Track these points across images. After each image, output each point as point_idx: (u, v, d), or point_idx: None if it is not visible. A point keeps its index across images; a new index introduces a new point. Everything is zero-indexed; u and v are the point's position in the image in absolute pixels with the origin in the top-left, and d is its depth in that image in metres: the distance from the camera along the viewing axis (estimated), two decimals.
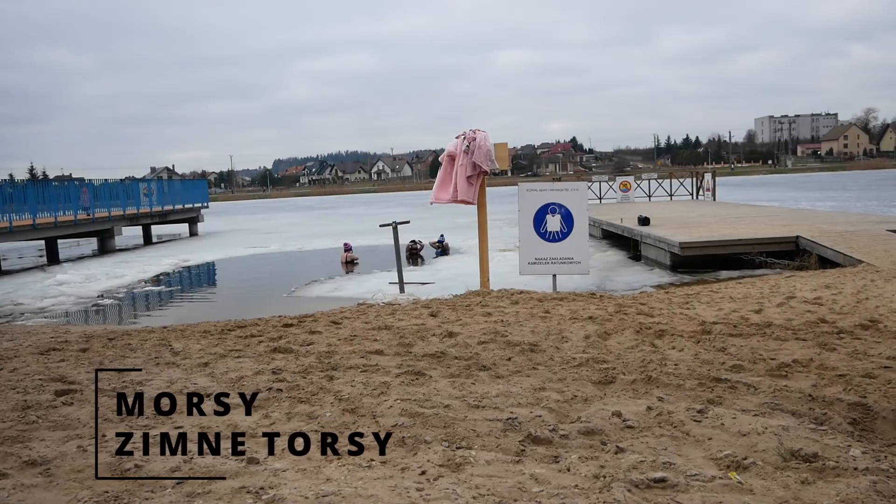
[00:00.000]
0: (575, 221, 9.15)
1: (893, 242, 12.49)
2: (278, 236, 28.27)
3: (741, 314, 7.01)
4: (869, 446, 2.77)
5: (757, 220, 17.18)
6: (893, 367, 4.22)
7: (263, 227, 36.45)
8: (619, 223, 18.08)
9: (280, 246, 23.65)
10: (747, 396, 3.56)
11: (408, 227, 12.72)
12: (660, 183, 33.63)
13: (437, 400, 3.71)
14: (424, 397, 3.77)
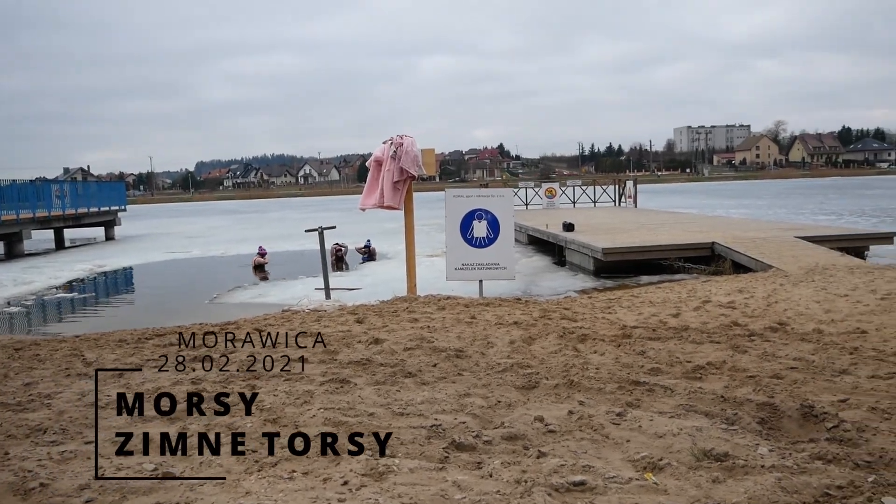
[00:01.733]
0: (501, 227, 9.26)
1: (801, 248, 13.14)
2: (201, 241, 27.50)
3: (660, 318, 7.24)
4: (776, 444, 2.90)
5: (676, 227, 17.78)
6: (799, 368, 4.44)
7: (185, 231, 35.38)
8: (544, 229, 18.38)
9: (202, 251, 23.01)
10: (664, 399, 3.68)
11: (334, 232, 12.59)
12: (584, 190, 34.40)
13: (362, 408, 3.68)
14: (349, 405, 3.73)
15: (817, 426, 3.12)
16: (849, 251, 13.43)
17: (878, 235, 15.51)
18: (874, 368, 4.37)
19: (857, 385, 3.88)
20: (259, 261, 17.20)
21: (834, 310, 7.50)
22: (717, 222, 19.59)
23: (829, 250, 13.02)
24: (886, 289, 8.71)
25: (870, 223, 24.21)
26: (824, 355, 4.91)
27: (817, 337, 5.89)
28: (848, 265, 11.31)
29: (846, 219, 26.49)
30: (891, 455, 2.69)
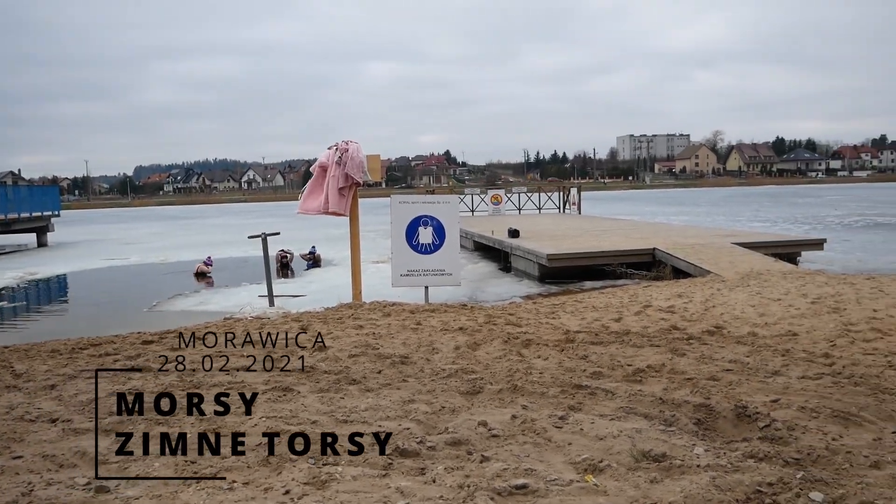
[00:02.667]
0: (447, 234, 9.29)
1: (737, 254, 13.56)
2: (139, 247, 26.77)
3: (602, 323, 7.37)
4: (711, 444, 2.98)
5: (618, 233, 18.13)
6: (734, 370, 4.57)
7: (123, 237, 34.39)
8: (490, 235, 18.52)
9: (141, 257, 22.39)
10: (605, 402, 3.74)
11: (279, 239, 12.43)
12: (529, 196, 34.82)
13: (305, 416, 3.64)
14: (291, 414, 3.69)
15: (750, 426, 3.22)
16: (782, 257, 13.92)
17: (810, 242, 16.12)
18: (804, 369, 4.54)
19: (788, 385, 4.02)
20: (202, 268, 16.86)
21: (768, 313, 7.75)
22: (658, 229, 20.06)
23: (764, 256, 13.48)
24: (817, 293, 9.06)
25: (802, 230, 25.15)
26: (758, 357, 5.07)
27: (752, 340, 6.09)
28: (781, 270, 11.72)
29: (780, 226, 27.46)
30: (818, 452, 2.79)
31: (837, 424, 3.21)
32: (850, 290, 9.22)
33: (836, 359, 5.06)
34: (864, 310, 7.64)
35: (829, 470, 2.61)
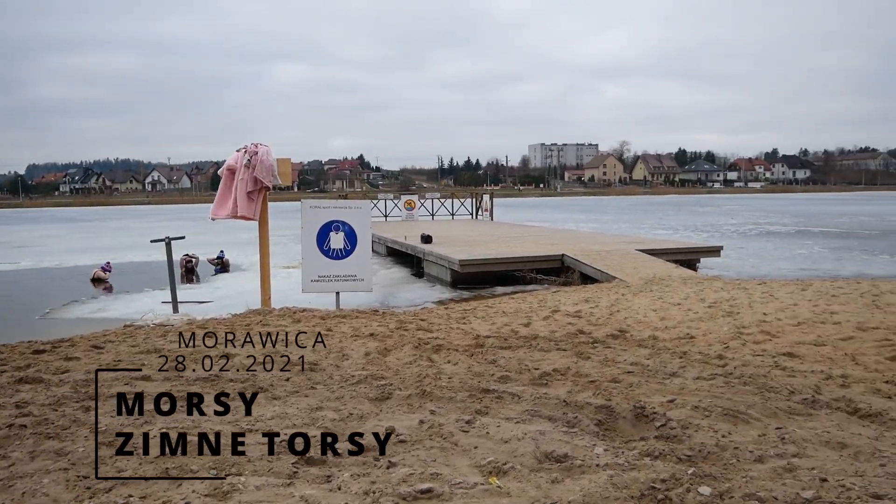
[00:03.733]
0: (358, 239, 9.23)
1: (641, 261, 14.09)
2: (32, 251, 25.30)
3: (512, 327, 7.50)
4: (610, 444, 3.08)
5: (529, 240, 18.50)
6: (635, 372, 4.75)
7: (13, 240, 32.40)
8: (403, 241, 18.53)
9: (34, 261, 21.16)
10: (512, 405, 3.81)
11: (185, 243, 12.03)
12: (442, 202, 35.07)
13: (207, 426, 3.53)
14: (193, 424, 3.57)
15: (648, 425, 3.35)
16: (683, 263, 14.57)
17: (708, 249, 16.94)
18: (699, 371, 4.76)
19: (683, 386, 4.21)
20: (99, 274, 16.10)
21: (668, 317, 8.09)
22: (567, 236, 20.59)
23: (666, 262, 14.07)
24: (713, 298, 9.52)
25: (701, 238, 26.38)
26: (658, 360, 5.28)
27: (652, 343, 6.34)
28: (681, 276, 12.27)
29: (681, 233, 28.72)
30: (708, 449, 2.94)
31: (727, 422, 3.39)
32: (743, 294, 9.74)
33: (729, 360, 5.34)
34: (756, 313, 8.09)
35: (718, 465, 2.76)
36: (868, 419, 3.57)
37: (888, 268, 17.27)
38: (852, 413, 3.67)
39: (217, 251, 18.53)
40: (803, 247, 23.41)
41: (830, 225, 34.60)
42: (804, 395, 3.97)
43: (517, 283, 13.84)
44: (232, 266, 18.05)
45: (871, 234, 28.53)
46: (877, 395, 4.10)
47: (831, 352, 5.77)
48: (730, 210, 54.76)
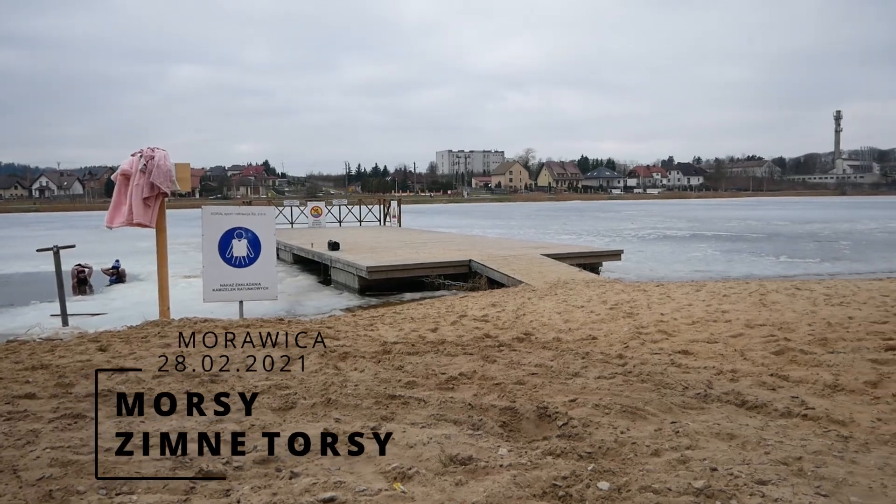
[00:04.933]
0: (262, 246, 9.01)
1: (546, 265, 14.42)
2: None
3: (419, 333, 7.50)
4: (514, 445, 3.12)
5: (437, 246, 18.60)
6: (539, 374, 4.84)
7: None
8: (309, 248, 18.26)
9: None
10: (418, 410, 3.80)
11: (77, 252, 11.41)
12: (350, 209, 34.79)
13: (101, 443, 3.34)
14: (82, 443, 3.37)
15: (551, 425, 3.42)
16: (586, 267, 15.02)
17: (609, 253, 17.53)
18: (600, 370, 4.90)
19: (585, 386, 4.32)
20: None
21: (572, 319, 8.31)
22: (474, 241, 20.83)
23: (570, 266, 14.46)
24: (614, 300, 9.85)
25: (603, 242, 27.28)
26: (561, 361, 5.40)
27: (556, 344, 6.48)
28: (585, 279, 12.64)
29: (584, 238, 29.60)
30: (608, 445, 3.02)
31: (626, 419, 3.50)
32: (642, 296, 10.13)
33: (628, 359, 5.52)
34: (654, 314, 8.42)
35: (617, 460, 2.84)
36: (754, 410, 3.77)
37: (774, 268, 18.38)
38: (740, 405, 3.87)
39: (112, 261, 17.67)
40: (697, 250, 24.60)
41: (722, 229, 36.52)
42: (697, 390, 4.15)
43: (425, 289, 13.88)
44: (129, 276, 17.25)
45: (758, 238, 30.30)
46: (762, 388, 4.34)
47: (722, 348, 6.06)
48: (630, 215, 56.93)
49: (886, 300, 8.65)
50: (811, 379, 4.59)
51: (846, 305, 8.32)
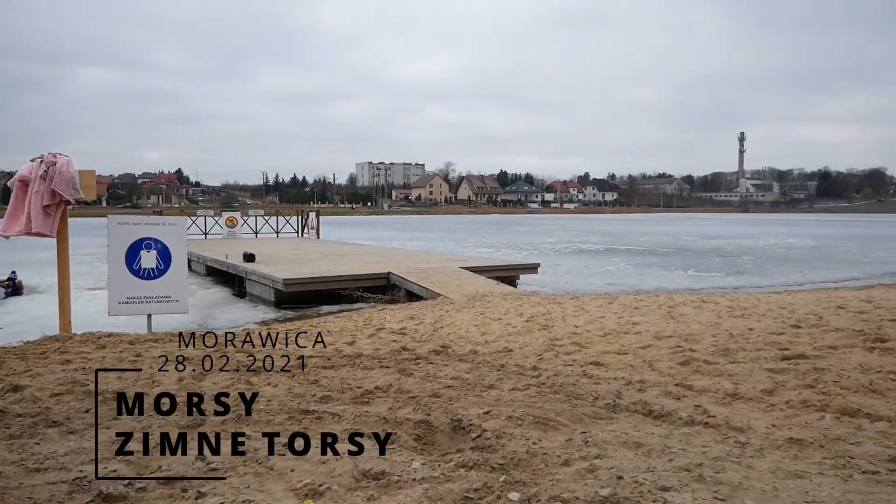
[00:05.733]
0: (173, 257, 8.72)
1: (465, 278, 14.54)
2: None
3: (336, 347, 7.42)
4: (428, 458, 3.12)
5: (356, 258, 18.47)
6: (455, 386, 4.86)
7: None
8: (223, 259, 17.79)
9: None
10: (332, 425, 3.75)
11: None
12: (267, 220, 34.12)
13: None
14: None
15: (464, 437, 3.44)
16: (503, 280, 15.23)
17: (527, 266, 17.83)
18: (515, 382, 4.97)
19: (500, 397, 4.37)
20: None
21: (488, 332, 8.40)
22: (393, 254, 20.79)
23: (488, 279, 14.63)
24: (531, 312, 10.02)
25: (521, 255, 27.73)
26: (477, 373, 5.44)
27: (473, 357, 6.53)
28: (502, 292, 12.81)
29: (502, 251, 30.01)
30: (520, 456, 3.06)
31: (538, 430, 3.55)
32: (557, 308, 10.35)
33: (542, 371, 5.62)
34: (568, 326, 8.61)
35: (528, 471, 2.88)
36: (660, 419, 3.90)
37: (682, 282, 19.13)
38: (647, 414, 4.00)
39: (8, 272, 16.69)
40: (611, 263, 25.36)
41: (634, 244, 37.78)
42: (607, 400, 4.26)
43: (343, 301, 13.75)
44: (27, 288, 16.33)
45: (667, 252, 31.50)
46: (668, 397, 4.50)
47: (632, 359, 6.26)
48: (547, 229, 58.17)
49: (783, 312, 9.14)
50: (713, 388, 4.79)
51: (747, 317, 8.75)
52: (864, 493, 2.53)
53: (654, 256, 28.79)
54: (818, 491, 2.56)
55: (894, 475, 2.78)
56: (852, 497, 2.48)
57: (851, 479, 2.71)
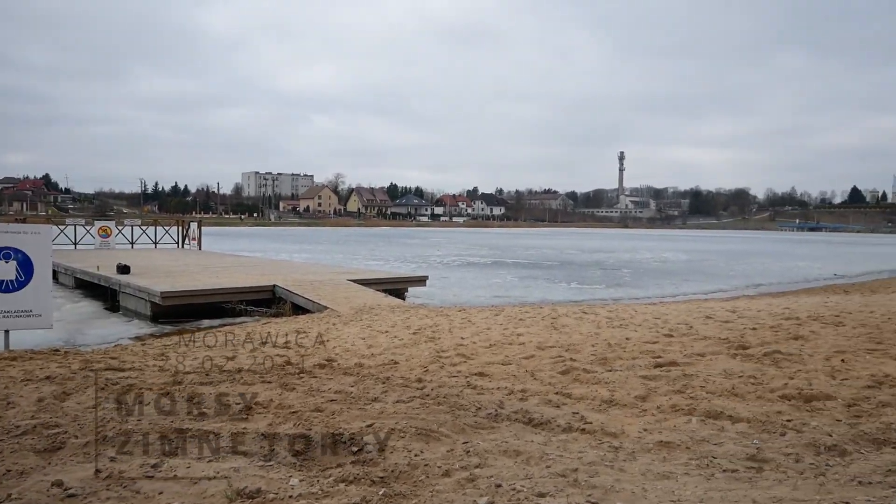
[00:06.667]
0: (35, 268, 8.11)
1: (353, 291, 14.39)
2: None
3: (215, 362, 7.12)
4: (307, 474, 3.04)
5: (239, 270, 17.89)
6: (338, 400, 4.78)
7: None
8: (95, 271, 16.76)
9: None
10: (207, 443, 3.59)
11: None
12: (144, 230, 32.54)
13: None
14: None
15: (345, 451, 3.37)
16: (392, 292, 15.19)
17: (415, 279, 17.88)
18: (399, 394, 4.95)
19: (383, 410, 4.33)
20: None
21: (375, 345, 8.34)
22: (280, 266, 20.31)
23: (376, 292, 14.54)
24: (418, 324, 10.04)
25: (410, 268, 27.79)
26: (362, 386, 5.38)
27: (358, 370, 6.45)
28: (390, 305, 12.77)
29: (391, 264, 29.97)
30: (401, 468, 3.04)
31: (420, 441, 3.54)
32: (445, 321, 10.42)
33: (427, 382, 5.63)
34: (455, 338, 8.69)
35: (408, 483, 2.86)
36: (540, 427, 3.99)
37: (565, 294, 19.77)
38: (528, 423, 4.08)
39: None
40: (498, 276, 25.87)
41: (521, 257, 38.76)
42: (489, 410, 4.32)
43: (226, 315, 13.26)
44: None
45: (552, 265, 32.51)
46: (548, 406, 4.61)
47: (515, 370, 6.38)
48: (436, 242, 58.70)
49: (658, 322, 9.62)
50: (591, 395, 4.95)
51: (625, 327, 9.14)
52: (723, 490, 2.68)
53: (539, 269, 29.63)
54: (683, 490, 2.68)
55: (751, 472, 2.96)
56: (713, 494, 2.62)
57: (713, 478, 2.86)
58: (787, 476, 2.99)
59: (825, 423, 4.09)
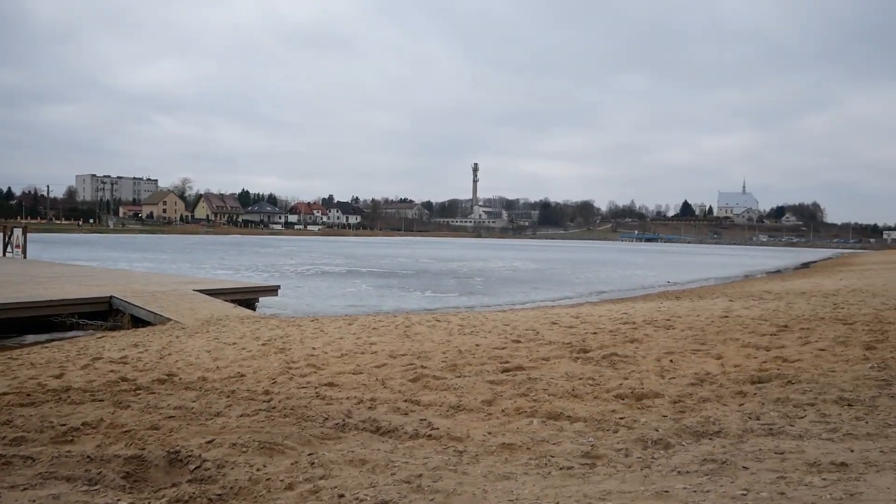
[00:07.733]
0: None
1: (199, 301, 13.76)
2: None
3: (39, 381, 6.56)
4: (138, 496, 2.86)
5: (71, 281, 16.59)
6: (177, 416, 4.54)
7: None
8: None
9: None
10: (22, 470, 3.28)
11: None
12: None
13: None
14: None
15: (182, 470, 3.21)
16: (242, 303, 14.68)
17: (266, 288, 17.38)
18: (244, 408, 4.78)
19: (226, 425, 4.16)
20: None
21: (221, 357, 8.01)
22: (118, 276, 19.05)
23: (225, 303, 13.99)
24: (268, 335, 9.77)
25: (261, 278, 26.97)
26: (204, 401, 5.14)
27: (201, 384, 6.17)
28: (239, 315, 12.33)
29: (242, 273, 28.95)
30: (241, 484, 2.93)
31: (263, 455, 3.44)
32: (296, 331, 10.20)
33: (275, 395, 5.48)
34: (306, 348, 8.53)
35: (248, 499, 2.76)
36: (387, 435, 4.00)
37: (420, 302, 19.99)
38: (375, 431, 4.07)
39: None
40: (353, 285, 25.71)
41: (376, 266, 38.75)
42: (336, 420, 4.27)
43: (55, 329, 12.24)
44: None
45: (407, 274, 32.77)
46: (397, 413, 4.63)
47: (366, 378, 6.36)
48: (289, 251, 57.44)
49: (507, 328, 9.95)
50: (439, 402, 5.03)
51: (475, 334, 9.37)
52: (558, 486, 2.81)
53: (394, 278, 29.76)
54: (521, 489, 2.78)
55: (585, 469, 3.12)
56: (549, 492, 2.73)
57: (550, 476, 2.99)
58: (617, 470, 3.18)
59: (653, 419, 4.40)
